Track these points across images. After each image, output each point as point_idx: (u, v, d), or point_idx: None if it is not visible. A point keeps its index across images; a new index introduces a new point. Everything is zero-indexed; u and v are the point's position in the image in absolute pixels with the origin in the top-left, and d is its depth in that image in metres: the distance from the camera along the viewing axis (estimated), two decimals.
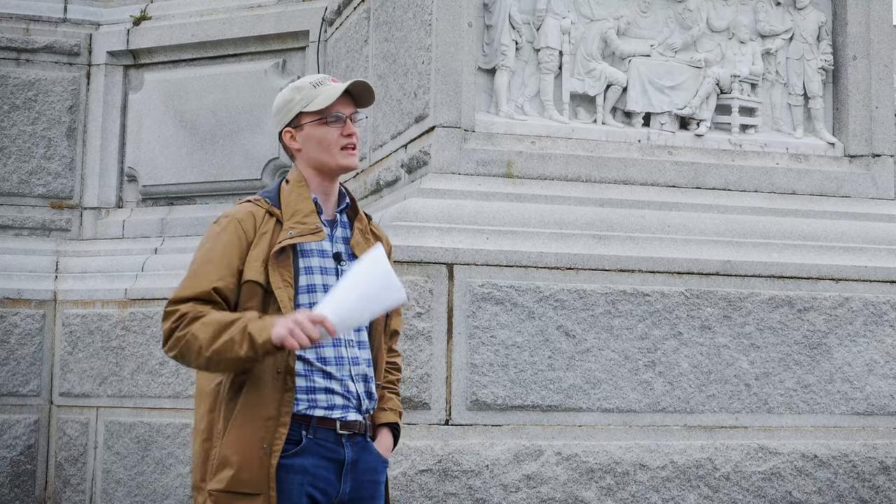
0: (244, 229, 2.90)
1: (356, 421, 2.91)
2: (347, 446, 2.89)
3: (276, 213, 2.93)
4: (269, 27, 6.98)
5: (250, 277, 2.86)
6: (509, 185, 5.01)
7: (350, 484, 2.90)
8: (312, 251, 2.93)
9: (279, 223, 2.91)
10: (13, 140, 7.18)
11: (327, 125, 2.96)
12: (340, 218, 3.03)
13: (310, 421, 2.85)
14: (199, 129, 7.07)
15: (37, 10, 7.35)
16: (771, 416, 4.99)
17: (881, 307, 5.16)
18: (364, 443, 2.94)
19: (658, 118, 5.37)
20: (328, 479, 2.86)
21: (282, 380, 2.83)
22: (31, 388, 6.79)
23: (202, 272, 2.88)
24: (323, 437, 2.86)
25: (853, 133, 5.53)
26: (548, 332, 4.75)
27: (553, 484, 4.66)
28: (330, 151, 2.96)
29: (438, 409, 4.62)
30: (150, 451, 6.45)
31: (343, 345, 2.91)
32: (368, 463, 2.94)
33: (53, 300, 6.88)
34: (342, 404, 2.89)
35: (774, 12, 5.60)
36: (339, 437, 2.88)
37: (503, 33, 5.17)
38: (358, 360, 2.94)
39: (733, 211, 5.21)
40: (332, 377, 2.88)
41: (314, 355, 2.88)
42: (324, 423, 2.86)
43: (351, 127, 2.98)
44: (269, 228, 2.90)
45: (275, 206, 2.94)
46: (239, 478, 2.80)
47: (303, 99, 2.98)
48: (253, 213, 2.93)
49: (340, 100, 2.97)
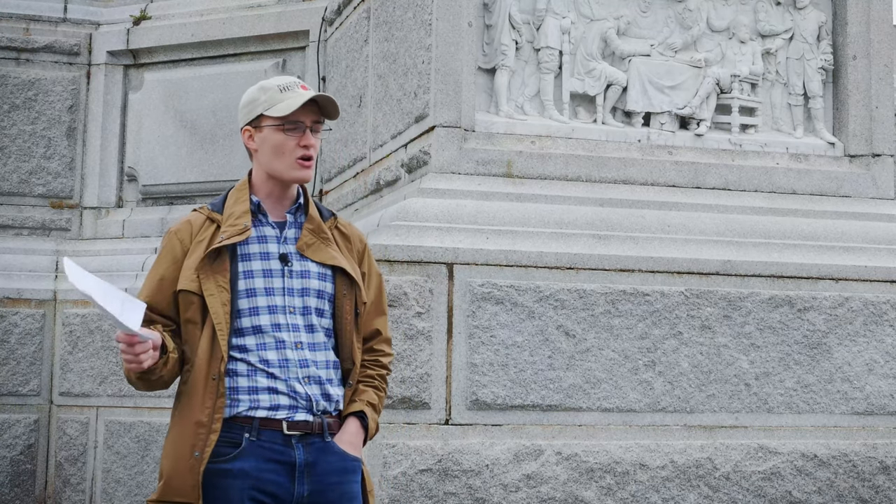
0: (179, 239, 2.89)
1: (306, 421, 2.82)
2: (298, 448, 2.80)
3: (216, 219, 2.89)
4: (269, 27, 6.98)
5: (182, 287, 2.83)
6: (509, 185, 5.01)
7: (308, 486, 2.80)
8: (254, 254, 2.87)
9: (219, 228, 2.88)
10: (13, 140, 7.18)
11: (285, 132, 2.88)
12: (296, 219, 2.95)
13: (252, 422, 2.78)
14: (199, 129, 7.07)
15: (37, 10, 7.35)
16: (771, 415, 4.99)
17: (881, 307, 5.16)
18: (322, 444, 2.84)
19: (658, 118, 5.37)
20: (277, 482, 2.78)
21: (214, 386, 2.79)
22: (30, 387, 6.79)
23: (142, 291, 2.91)
24: (268, 438, 2.78)
25: (853, 133, 5.53)
26: (548, 331, 4.75)
27: (553, 483, 4.66)
28: (283, 160, 2.89)
29: (438, 408, 4.62)
30: (150, 450, 6.45)
31: (288, 347, 2.84)
32: (331, 464, 2.84)
33: (53, 300, 6.88)
34: (288, 404, 2.81)
35: (774, 12, 5.60)
36: (287, 439, 2.80)
37: (503, 33, 5.17)
38: (307, 362, 2.86)
39: (733, 211, 5.21)
40: (275, 378, 2.82)
41: (256, 358, 2.83)
42: (268, 425, 2.79)
43: (309, 138, 2.89)
44: (206, 236, 2.87)
45: (217, 212, 2.91)
46: (171, 486, 2.77)
47: (267, 101, 2.90)
48: (190, 222, 2.92)
49: (304, 109, 2.88)
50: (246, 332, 2.84)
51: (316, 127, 2.93)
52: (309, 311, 2.89)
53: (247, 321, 2.83)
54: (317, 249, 2.91)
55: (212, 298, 2.80)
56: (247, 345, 2.84)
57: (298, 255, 2.90)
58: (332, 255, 2.93)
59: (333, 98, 2.96)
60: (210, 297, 2.80)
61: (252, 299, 2.83)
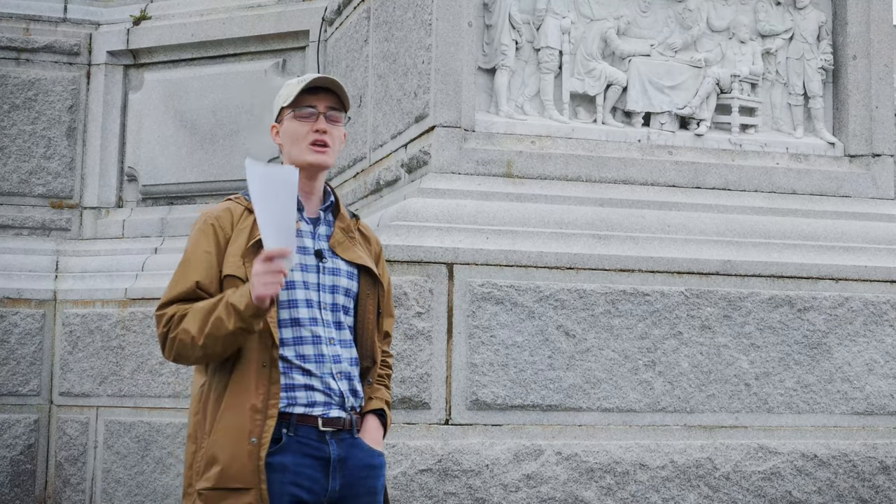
0: (220, 226, 2.93)
1: (339, 418, 2.89)
2: (332, 443, 2.86)
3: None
4: (269, 27, 6.98)
5: (229, 272, 2.86)
6: (509, 185, 5.01)
7: (340, 481, 2.86)
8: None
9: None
10: (13, 140, 7.18)
11: (297, 119, 2.97)
12: (325, 216, 3.02)
13: (290, 418, 2.82)
14: (199, 129, 7.07)
15: (37, 10, 7.35)
16: (771, 415, 4.99)
17: (881, 307, 5.16)
18: (352, 440, 2.91)
19: (658, 118, 5.37)
20: (313, 477, 2.83)
21: (267, 373, 2.82)
22: (30, 387, 6.79)
23: (183, 273, 2.90)
24: (305, 434, 2.83)
25: (853, 133, 5.53)
26: (548, 331, 4.76)
27: (553, 483, 4.66)
28: (299, 146, 2.96)
29: (438, 408, 4.62)
30: (150, 450, 6.45)
31: (323, 342, 2.90)
32: (360, 460, 2.91)
33: (53, 300, 6.88)
34: (323, 401, 2.87)
35: (774, 12, 5.60)
36: (322, 435, 2.85)
37: (503, 33, 5.18)
38: (339, 357, 2.92)
39: (733, 211, 5.21)
40: (311, 374, 2.86)
41: (293, 353, 2.87)
42: (305, 421, 2.84)
43: (322, 123, 2.96)
44: (247, 225, 2.91)
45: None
46: (228, 473, 2.77)
47: (285, 95, 3.00)
48: (230, 210, 2.97)
49: (317, 96, 2.97)
50: (283, 324, 2.88)
51: (332, 115, 2.98)
52: (337, 308, 2.96)
53: (284, 313, 2.87)
54: (346, 248, 2.99)
55: None
56: (283, 337, 2.87)
57: (331, 252, 2.97)
58: (360, 255, 3.01)
59: (338, 81, 3.01)
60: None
61: (291, 291, 2.88)
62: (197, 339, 2.78)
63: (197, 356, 2.84)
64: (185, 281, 2.88)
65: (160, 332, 2.87)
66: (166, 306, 2.87)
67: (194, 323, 2.79)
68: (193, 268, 2.90)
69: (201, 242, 2.92)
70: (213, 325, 2.76)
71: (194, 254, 2.91)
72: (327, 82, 2.98)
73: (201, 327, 2.77)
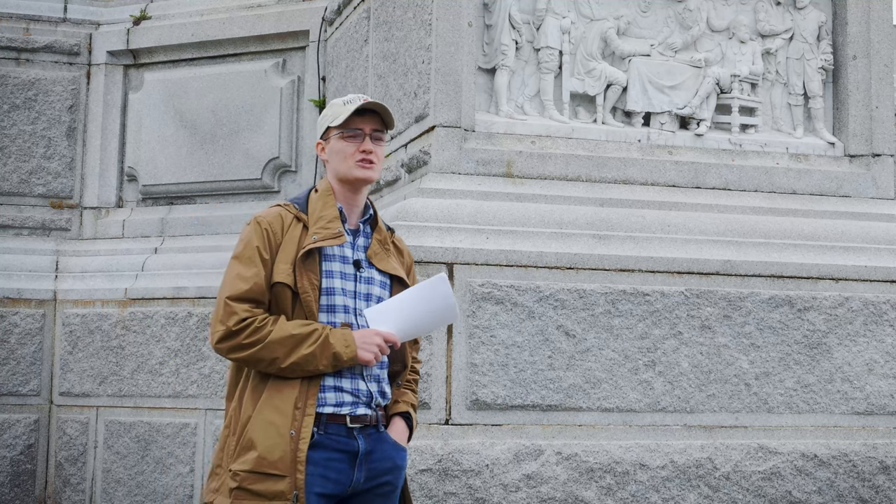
0: (273, 231, 3.10)
1: (366, 414, 3.08)
2: (360, 438, 3.06)
3: (303, 219, 3.12)
4: (269, 27, 6.98)
5: (280, 280, 3.05)
6: (509, 185, 5.01)
7: (365, 473, 3.06)
8: (335, 256, 3.12)
9: (305, 228, 3.11)
10: (13, 140, 7.18)
11: (344, 139, 3.17)
12: (364, 228, 3.21)
13: (320, 417, 3.02)
14: (199, 129, 7.07)
15: (37, 10, 7.35)
16: (771, 415, 4.99)
17: (881, 307, 5.16)
18: (377, 434, 3.11)
19: (658, 118, 5.37)
20: (340, 469, 3.03)
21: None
22: (30, 387, 6.79)
23: (244, 270, 3.07)
24: (334, 431, 3.03)
25: (853, 133, 5.53)
26: (548, 331, 4.76)
27: (553, 483, 4.66)
28: (346, 163, 3.16)
29: (438, 408, 4.62)
30: (150, 450, 6.45)
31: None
32: (385, 452, 3.11)
33: (53, 300, 6.88)
34: (351, 401, 3.07)
35: (774, 12, 5.60)
36: (350, 431, 3.05)
37: (503, 33, 5.18)
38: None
39: (733, 211, 5.22)
40: (341, 376, 3.06)
41: None
42: (334, 419, 3.04)
43: (368, 144, 3.16)
44: (296, 234, 3.10)
45: (302, 212, 3.14)
46: (267, 459, 2.96)
47: (332, 115, 3.19)
48: (281, 216, 3.13)
49: (363, 118, 3.17)
50: None
51: (376, 135, 3.20)
52: None
53: (324, 317, 3.08)
54: (381, 259, 3.20)
55: (305, 295, 3.05)
56: None
57: (367, 262, 3.18)
58: (394, 266, 3.22)
59: (384, 105, 3.22)
60: (304, 294, 3.05)
61: (331, 297, 3.09)
62: (281, 362, 2.99)
63: (268, 370, 3.03)
64: (248, 279, 3.04)
65: (227, 326, 3.01)
66: (236, 301, 3.03)
67: (281, 347, 2.98)
68: (254, 266, 3.06)
69: (254, 241, 3.09)
70: (303, 358, 2.98)
71: (251, 252, 3.08)
72: (374, 106, 3.17)
73: (288, 354, 2.98)
